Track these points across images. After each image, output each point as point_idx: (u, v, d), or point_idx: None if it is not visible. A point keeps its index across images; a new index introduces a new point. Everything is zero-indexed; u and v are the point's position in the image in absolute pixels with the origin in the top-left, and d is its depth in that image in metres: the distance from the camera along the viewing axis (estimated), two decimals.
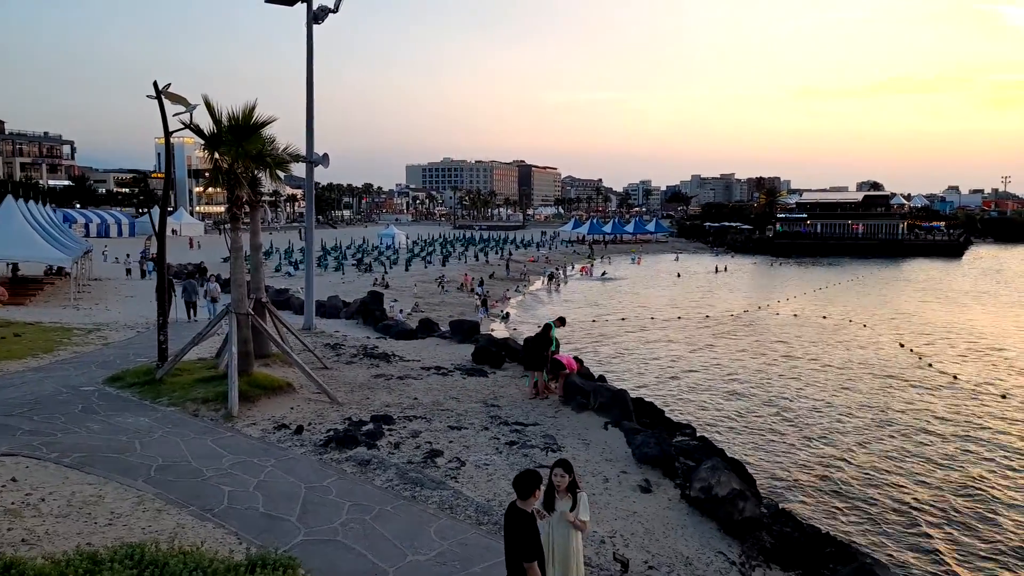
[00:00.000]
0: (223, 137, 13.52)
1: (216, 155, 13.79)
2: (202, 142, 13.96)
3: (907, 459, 16.93)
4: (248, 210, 15.50)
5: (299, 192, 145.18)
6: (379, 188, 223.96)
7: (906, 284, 61.44)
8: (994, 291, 54.83)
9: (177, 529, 7.84)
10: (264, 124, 13.92)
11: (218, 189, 14.49)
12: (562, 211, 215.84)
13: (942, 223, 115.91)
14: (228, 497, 8.90)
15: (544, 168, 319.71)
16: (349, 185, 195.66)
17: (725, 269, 71.23)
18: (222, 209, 22.69)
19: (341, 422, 12.30)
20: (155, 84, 14.18)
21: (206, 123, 13.74)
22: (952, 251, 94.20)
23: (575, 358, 15.11)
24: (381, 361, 17.70)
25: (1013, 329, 36.94)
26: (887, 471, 16.09)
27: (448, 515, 8.87)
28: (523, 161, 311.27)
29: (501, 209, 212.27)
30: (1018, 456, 17.26)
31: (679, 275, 66.39)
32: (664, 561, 8.39)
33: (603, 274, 63.10)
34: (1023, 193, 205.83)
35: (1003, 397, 22.80)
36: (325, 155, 22.09)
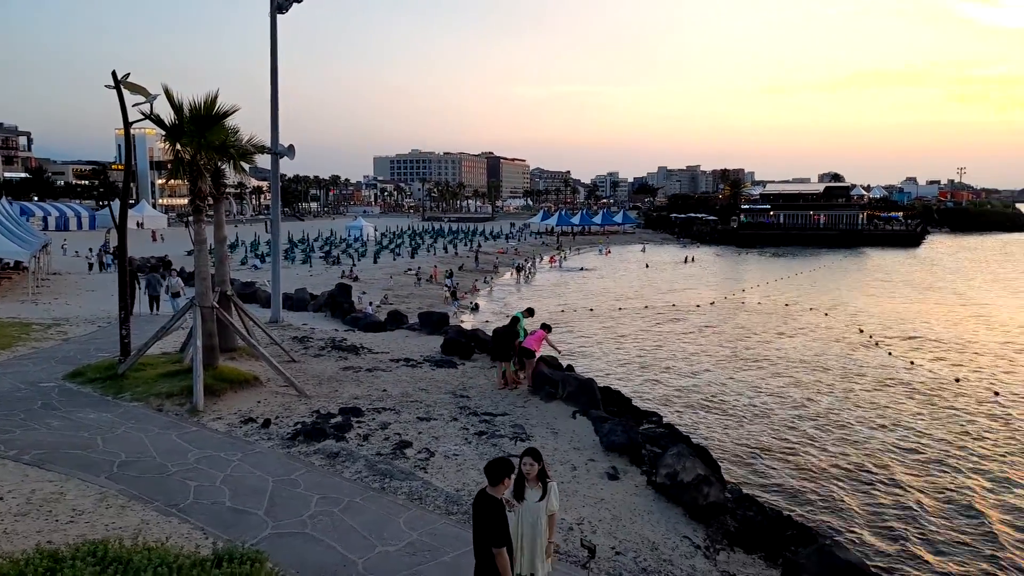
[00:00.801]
0: (185, 128, 13.27)
1: (178, 146, 13.54)
2: (163, 133, 13.69)
3: (867, 442, 17.38)
4: (212, 202, 15.26)
5: (265, 184, 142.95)
6: (347, 180, 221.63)
7: (866, 273, 62.82)
8: (950, 280, 56.35)
9: (141, 525, 7.75)
10: (227, 114, 13.69)
11: (181, 181, 14.24)
12: (531, 203, 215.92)
13: (900, 213, 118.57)
14: (194, 492, 8.81)
15: (513, 160, 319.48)
16: (316, 177, 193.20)
17: (693, 260, 72.04)
18: (185, 201, 22.09)
19: (309, 415, 12.24)
20: (114, 74, 13.86)
21: (167, 114, 13.49)
22: (910, 241, 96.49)
23: (543, 325, 15.09)
24: (350, 353, 17.61)
25: (967, 317, 38.03)
26: (848, 454, 16.52)
27: (418, 506, 8.90)
28: (492, 153, 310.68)
29: (470, 201, 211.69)
30: (973, 436, 17.84)
31: (647, 265, 67.00)
32: (631, 546, 8.53)
33: (581, 268, 63.17)
34: (977, 184, 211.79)
35: (956, 381, 23.52)
36: (291, 146, 21.83)
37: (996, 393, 22.06)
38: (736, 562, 8.93)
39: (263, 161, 23.05)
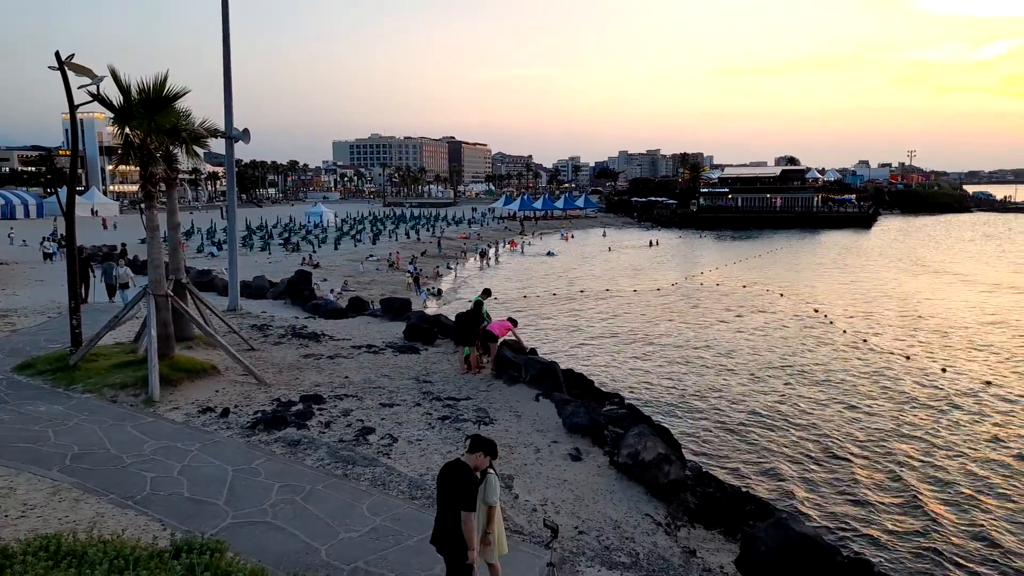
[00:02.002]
0: (134, 110, 12.88)
1: (127, 130, 13.14)
2: (112, 116, 13.25)
3: (823, 418, 17.86)
4: (164, 188, 14.87)
5: (220, 169, 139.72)
6: (305, 165, 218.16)
7: (820, 254, 64.23)
8: (903, 260, 57.96)
9: (96, 518, 7.58)
10: (177, 96, 13.32)
11: (131, 166, 13.83)
12: (493, 188, 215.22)
13: (853, 196, 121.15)
14: (151, 483, 8.65)
15: (474, 144, 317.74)
16: (274, 162, 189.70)
17: (657, 243, 72.64)
18: (137, 188, 21.32)
19: (269, 403, 12.08)
20: (57, 55, 13.33)
21: (115, 97, 13.06)
22: (862, 222, 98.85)
23: (509, 319, 15.20)
24: (310, 341, 17.41)
25: (920, 297, 39.21)
26: (804, 431, 16.95)
27: (381, 491, 8.88)
28: (453, 137, 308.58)
29: (432, 186, 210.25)
30: (924, 409, 18.45)
31: (610, 249, 67.45)
32: (594, 525, 8.64)
33: (548, 252, 63.14)
34: (927, 167, 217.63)
35: (907, 359, 24.27)
36: (246, 130, 21.34)
37: (944, 369, 22.83)
38: (696, 538, 9.12)
39: (218, 146, 22.48)
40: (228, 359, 13.89)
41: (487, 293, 16.01)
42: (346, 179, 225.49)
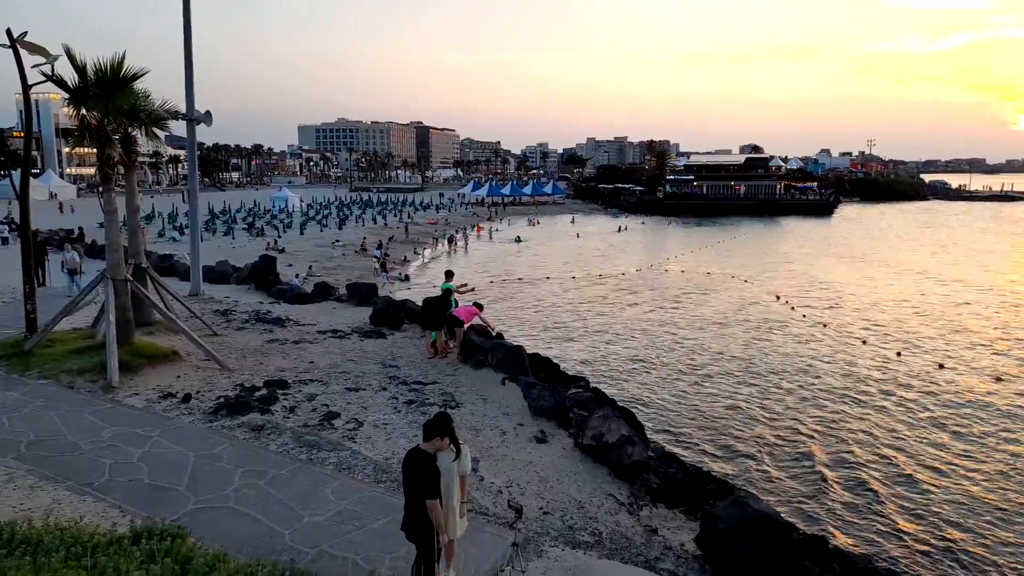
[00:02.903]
0: (90, 91, 12.52)
1: (83, 110, 12.78)
2: (67, 96, 12.87)
3: (783, 398, 18.28)
4: (123, 171, 14.53)
5: (182, 153, 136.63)
6: (270, 149, 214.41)
7: (782, 241, 65.39)
8: (861, 249, 59.26)
9: (53, 505, 7.45)
10: (136, 77, 12.97)
11: (89, 148, 13.47)
12: (461, 173, 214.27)
13: (815, 183, 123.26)
14: (110, 470, 8.51)
15: (442, 130, 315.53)
16: (237, 146, 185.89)
17: (626, 229, 73.01)
18: (95, 170, 20.66)
19: (232, 388, 11.95)
20: (8, 32, 12.88)
21: (71, 77, 12.68)
22: (823, 210, 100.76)
23: (475, 304, 15.21)
24: (275, 326, 17.22)
25: (875, 285, 40.18)
26: (765, 408, 17.34)
27: (346, 475, 8.86)
28: (421, 122, 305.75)
29: (399, 171, 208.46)
30: (879, 391, 18.99)
31: (578, 235, 67.76)
32: (558, 506, 8.76)
33: (517, 238, 62.97)
34: (886, 155, 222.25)
35: (864, 343, 24.92)
36: (207, 112, 20.91)
37: (899, 354, 23.49)
38: (659, 516, 9.30)
39: (179, 129, 21.99)
40: (190, 344, 13.68)
41: (449, 275, 16.01)
42: (312, 164, 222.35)
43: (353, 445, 9.82)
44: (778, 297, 34.05)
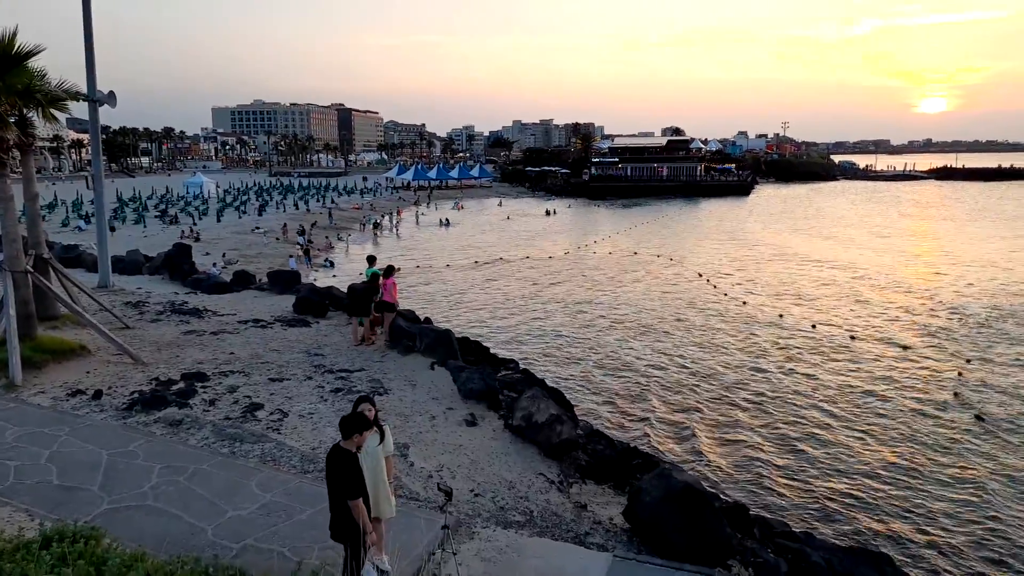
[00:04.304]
0: None
1: None
2: None
3: (707, 371, 18.90)
4: (19, 155, 13.63)
5: (85, 136, 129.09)
6: (182, 133, 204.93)
7: (703, 222, 67.36)
8: (775, 228, 61.70)
9: None
10: (31, 54, 12.20)
11: None
12: (385, 157, 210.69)
13: (733, 165, 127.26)
14: (15, 472, 8.05)
15: (365, 112, 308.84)
16: (147, 129, 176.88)
17: (555, 212, 73.40)
18: None
19: (147, 383, 11.47)
20: None
21: None
22: (741, 190, 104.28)
23: (385, 272, 14.85)
24: (192, 317, 16.60)
25: (789, 261, 41.96)
26: (692, 381, 17.90)
27: (271, 467, 8.67)
28: (343, 105, 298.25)
29: (321, 155, 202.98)
30: (798, 359, 19.89)
31: (508, 218, 67.83)
32: (489, 488, 8.82)
33: (447, 221, 62.30)
34: (799, 137, 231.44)
35: (780, 316, 26.02)
36: (111, 93, 19.83)
37: (813, 326, 24.64)
38: (588, 492, 9.49)
39: (81, 111, 20.73)
40: (99, 338, 13.03)
41: (371, 260, 15.76)
42: (228, 147, 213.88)
43: (278, 436, 9.60)
44: (700, 275, 35.10)
